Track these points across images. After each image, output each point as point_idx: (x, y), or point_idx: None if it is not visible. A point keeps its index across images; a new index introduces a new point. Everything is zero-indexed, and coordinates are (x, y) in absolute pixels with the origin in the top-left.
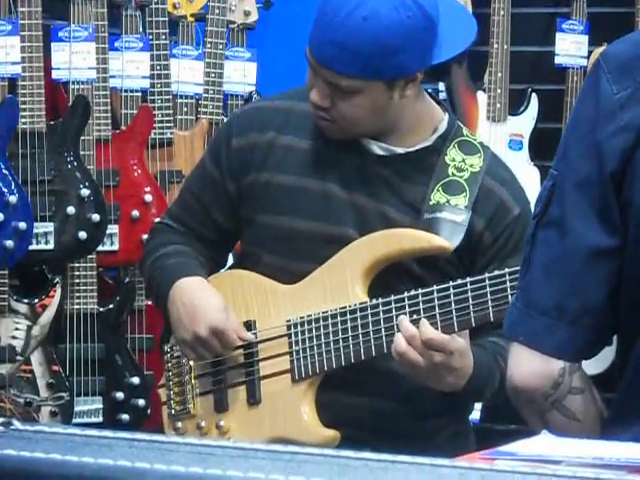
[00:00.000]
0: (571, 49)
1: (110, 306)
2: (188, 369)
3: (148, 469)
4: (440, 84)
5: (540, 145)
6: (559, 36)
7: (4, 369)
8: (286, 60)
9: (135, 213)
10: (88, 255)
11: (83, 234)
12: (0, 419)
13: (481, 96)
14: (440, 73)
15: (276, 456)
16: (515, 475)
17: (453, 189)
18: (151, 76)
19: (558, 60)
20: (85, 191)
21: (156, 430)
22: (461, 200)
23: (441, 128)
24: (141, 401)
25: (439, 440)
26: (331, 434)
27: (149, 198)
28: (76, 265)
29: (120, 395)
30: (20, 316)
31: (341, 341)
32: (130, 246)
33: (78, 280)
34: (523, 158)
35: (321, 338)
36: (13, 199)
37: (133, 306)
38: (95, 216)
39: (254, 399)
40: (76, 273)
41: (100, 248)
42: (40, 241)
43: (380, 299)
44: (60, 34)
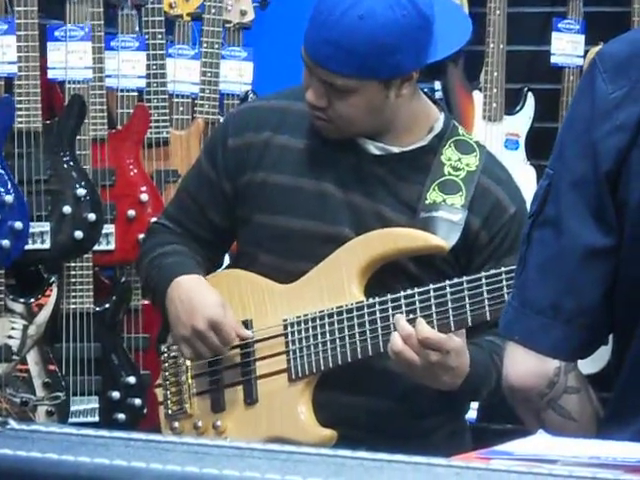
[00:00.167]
0: (567, 48)
1: (106, 305)
2: (185, 369)
3: (144, 469)
4: (436, 83)
5: (536, 144)
6: (555, 35)
7: (0, 369)
8: (282, 59)
9: (131, 212)
10: (84, 254)
11: (79, 233)
12: None
13: (477, 95)
14: (436, 72)
15: (272, 455)
16: (511, 474)
17: (449, 188)
18: (147, 75)
19: (554, 59)
20: (81, 190)
21: (152, 429)
22: (457, 199)
23: (437, 127)
24: (137, 400)
25: (435, 439)
26: (328, 433)
27: (145, 197)
28: (72, 264)
29: (116, 395)
30: (16, 315)
31: (338, 340)
32: (126, 245)
33: (74, 279)
34: (519, 157)
35: (318, 337)
36: (9, 199)
37: (129, 305)
38: (91, 215)
39: (251, 399)
40: (72, 272)
41: (96, 247)
42: (36, 240)
43: (376, 298)
44: (56, 33)
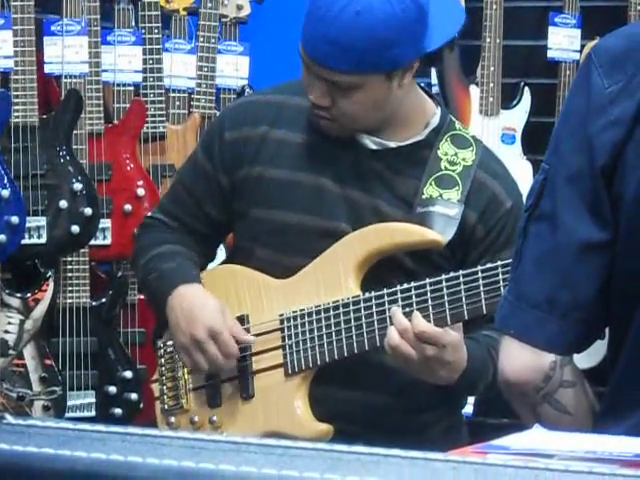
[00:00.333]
0: (564, 43)
1: (103, 300)
2: (181, 364)
3: (140, 463)
4: (433, 78)
5: (533, 139)
6: (552, 30)
7: None
8: (279, 54)
9: (128, 207)
10: (80, 249)
11: (76, 228)
12: None
13: (474, 90)
14: (433, 60)
15: (268, 450)
16: (507, 469)
17: (446, 183)
18: (143, 70)
19: (551, 54)
20: (77, 185)
21: (149, 424)
22: (454, 194)
23: (433, 122)
24: (134, 395)
25: (432, 434)
26: (324, 428)
27: (142, 192)
28: (69, 259)
29: (113, 389)
30: (13, 310)
31: (334, 335)
32: (122, 240)
33: (71, 274)
34: (516, 152)
35: (314, 332)
36: (5, 193)
37: (126, 300)
38: (87, 210)
39: (247, 394)
40: (69, 267)
41: (92, 242)
42: (33, 235)
43: (373, 292)
44: (52, 28)
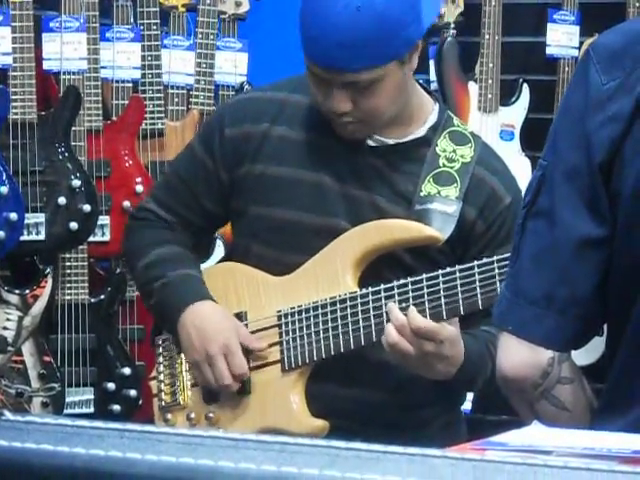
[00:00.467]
0: (562, 40)
1: (101, 297)
2: (179, 361)
3: (139, 459)
4: (431, 75)
5: (531, 136)
6: (550, 27)
7: None
8: (277, 51)
9: (126, 204)
10: (79, 246)
11: (74, 225)
12: None
13: (472, 87)
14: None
15: (267, 447)
16: (506, 465)
17: (444, 180)
18: (142, 67)
19: (549, 51)
20: (76, 182)
21: (147, 421)
22: (452, 191)
23: (432, 119)
24: (132, 392)
25: (431, 430)
26: (320, 424)
27: (140, 189)
28: (67, 256)
29: (111, 386)
30: (11, 307)
31: (330, 331)
32: (121, 237)
33: (69, 271)
34: (514, 148)
35: (311, 328)
36: (4, 190)
37: (124, 297)
38: (86, 207)
39: (244, 389)
40: (67, 264)
41: (91, 239)
42: (31, 232)
43: (370, 288)
44: (51, 24)
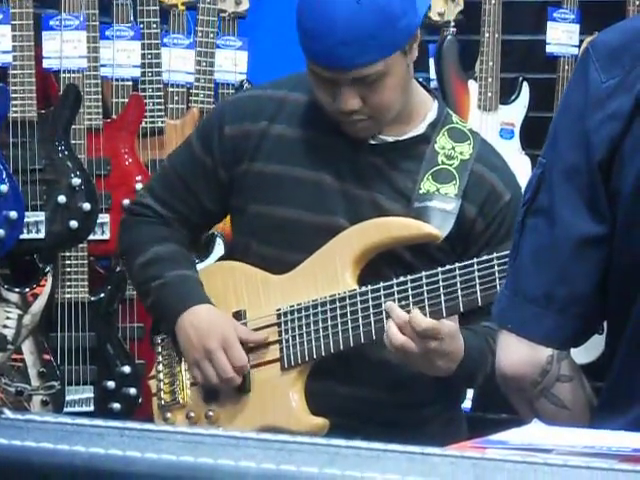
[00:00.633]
0: (562, 38)
1: (101, 295)
2: (178, 360)
3: (139, 458)
4: (431, 73)
5: (531, 134)
6: (550, 25)
7: None
8: (277, 49)
9: (126, 202)
10: (79, 244)
11: (74, 223)
12: None
13: (472, 85)
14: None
15: (267, 445)
16: (506, 464)
17: (443, 177)
18: (142, 65)
19: (549, 49)
20: (76, 180)
21: (147, 419)
22: (451, 188)
23: (431, 116)
24: (132, 390)
25: (431, 428)
26: (319, 422)
27: (140, 187)
28: (67, 254)
29: (111, 384)
30: (11, 305)
31: (330, 329)
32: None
33: (69, 269)
34: (514, 147)
35: (310, 326)
36: (4, 188)
37: (124, 295)
38: (86, 205)
39: (244, 388)
40: (67, 262)
41: (91, 237)
42: (31, 230)
43: (369, 286)
44: (51, 23)
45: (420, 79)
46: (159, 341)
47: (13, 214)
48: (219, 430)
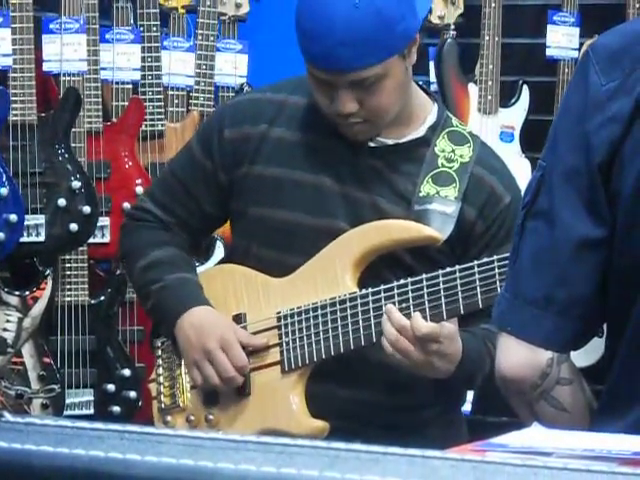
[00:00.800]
0: (562, 41)
1: (101, 298)
2: (178, 363)
3: (139, 461)
4: (431, 76)
5: (531, 137)
6: (550, 28)
7: None
8: (277, 52)
9: (126, 205)
10: (79, 247)
11: (74, 226)
12: None
13: (472, 88)
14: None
15: (267, 448)
16: (506, 467)
17: (443, 180)
18: (142, 68)
19: (549, 52)
20: (76, 183)
21: (147, 422)
22: (451, 191)
23: (431, 119)
24: (132, 393)
25: (431, 431)
26: (320, 425)
27: (140, 190)
28: (67, 257)
29: (111, 387)
30: (11, 308)
31: (330, 331)
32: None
33: (69, 272)
34: (514, 150)
35: (311, 329)
36: (4, 191)
37: (124, 298)
38: (86, 208)
39: (244, 391)
40: (67, 265)
41: (91, 240)
42: (31, 233)
43: (369, 289)
44: (51, 26)
45: (420, 82)
46: (159, 344)
47: (13, 217)
48: (219, 433)
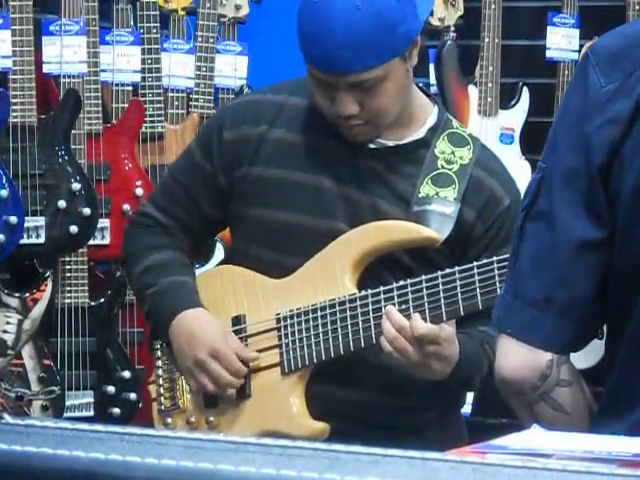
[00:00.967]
0: (562, 43)
1: (101, 300)
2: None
3: (139, 463)
4: (431, 78)
5: (531, 139)
6: (550, 30)
7: None
8: (277, 54)
9: (126, 207)
10: (79, 249)
11: (74, 228)
12: None
13: (472, 90)
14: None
15: (267, 450)
16: (506, 469)
17: (442, 181)
18: (142, 70)
19: (549, 54)
20: (76, 185)
21: (147, 424)
22: (450, 192)
23: (431, 120)
24: (132, 395)
25: (431, 433)
26: (320, 426)
27: (140, 192)
28: (67, 259)
29: (111, 389)
30: (11, 310)
31: (330, 333)
32: (121, 240)
33: (69, 274)
34: (514, 152)
35: (310, 330)
36: (4, 193)
37: (124, 300)
38: (86, 210)
39: (244, 393)
40: (67, 267)
41: (91, 242)
42: (31, 235)
43: (369, 290)
44: (51, 28)
45: (420, 84)
46: (158, 346)
47: (13, 219)
48: (219, 435)
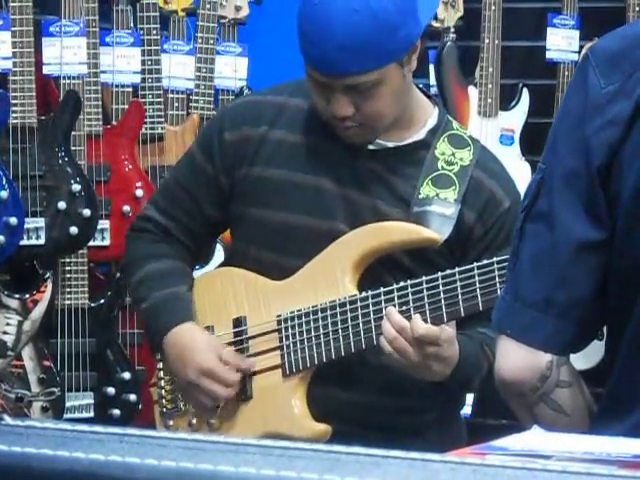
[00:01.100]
0: (562, 44)
1: (101, 301)
2: None
3: (139, 464)
4: (431, 79)
5: (531, 140)
6: (550, 31)
7: None
8: (277, 55)
9: (126, 208)
10: (79, 250)
11: (74, 229)
12: None
13: (472, 91)
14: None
15: (267, 451)
16: (506, 470)
17: (442, 182)
18: (142, 71)
19: (549, 55)
20: (76, 186)
21: (147, 425)
22: (450, 193)
23: (431, 122)
24: (132, 396)
25: (431, 434)
26: (322, 428)
27: (140, 193)
28: (67, 260)
29: (111, 390)
30: (11, 311)
31: (331, 334)
32: (121, 241)
33: (69, 275)
34: (514, 153)
35: (311, 332)
36: (4, 194)
37: (124, 301)
38: (86, 211)
39: (245, 395)
40: (67, 268)
41: (91, 243)
42: (31, 236)
43: (369, 292)
44: (51, 29)
45: (420, 85)
46: None
47: (13, 220)
48: (219, 436)
